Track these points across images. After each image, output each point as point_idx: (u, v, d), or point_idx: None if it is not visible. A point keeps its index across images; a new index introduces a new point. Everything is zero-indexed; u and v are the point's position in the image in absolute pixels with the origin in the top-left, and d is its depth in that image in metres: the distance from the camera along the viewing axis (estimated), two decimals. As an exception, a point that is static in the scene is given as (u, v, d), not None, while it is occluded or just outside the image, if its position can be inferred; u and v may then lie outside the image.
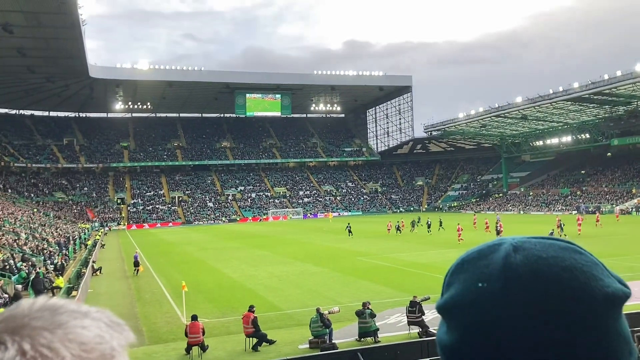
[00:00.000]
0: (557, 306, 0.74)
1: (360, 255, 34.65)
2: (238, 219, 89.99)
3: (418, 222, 53.91)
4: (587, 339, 0.74)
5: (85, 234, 60.29)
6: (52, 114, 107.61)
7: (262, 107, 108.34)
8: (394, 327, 16.31)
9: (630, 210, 67.78)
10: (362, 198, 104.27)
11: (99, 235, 60.25)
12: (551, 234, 39.54)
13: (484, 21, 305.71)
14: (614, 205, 71.05)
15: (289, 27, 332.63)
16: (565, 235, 40.75)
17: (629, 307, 16.57)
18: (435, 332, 15.19)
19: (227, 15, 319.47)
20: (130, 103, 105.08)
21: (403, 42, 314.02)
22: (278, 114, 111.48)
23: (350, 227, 50.47)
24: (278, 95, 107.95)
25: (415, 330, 15.70)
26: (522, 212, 79.75)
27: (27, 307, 0.67)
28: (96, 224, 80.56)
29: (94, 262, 33.51)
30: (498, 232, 41.00)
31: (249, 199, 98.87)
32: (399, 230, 50.05)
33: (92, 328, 0.67)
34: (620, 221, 52.63)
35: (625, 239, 38.29)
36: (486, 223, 47.02)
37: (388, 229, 50.77)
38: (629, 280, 20.52)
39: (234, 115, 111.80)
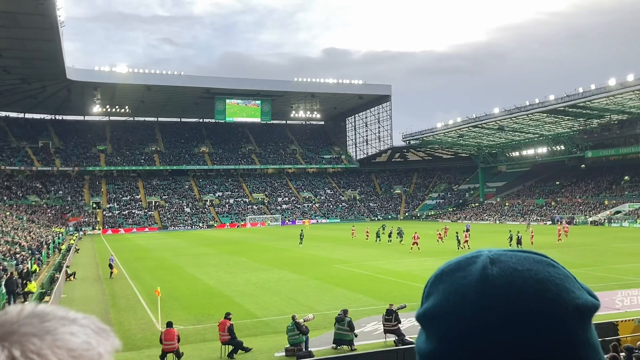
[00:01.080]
0: (531, 317, 0.77)
1: (337, 263, 34.70)
2: (215, 224, 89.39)
3: (383, 230, 53.73)
4: (559, 348, 0.77)
5: (59, 238, 59.24)
6: (28, 115, 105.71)
7: (242, 112, 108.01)
8: (370, 335, 16.37)
9: (602, 221, 69.15)
10: (340, 205, 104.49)
11: (74, 240, 59.26)
12: (511, 238, 40.36)
13: (461, 32, 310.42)
14: (587, 217, 72.42)
15: (269, 34, 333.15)
16: (519, 246, 41.45)
17: (602, 317, 16.92)
18: (411, 340, 15.31)
19: (206, 20, 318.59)
20: (108, 106, 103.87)
21: (382, 51, 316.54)
22: (258, 120, 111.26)
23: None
24: (258, 102, 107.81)
25: (391, 338, 15.79)
26: (497, 221, 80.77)
27: (16, 314, 0.67)
28: (71, 229, 79.23)
29: (67, 267, 32.95)
30: (459, 242, 41.09)
31: (226, 205, 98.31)
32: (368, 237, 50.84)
33: (80, 334, 0.68)
34: (570, 232, 53.00)
35: (597, 249, 39.04)
36: (438, 234, 46.81)
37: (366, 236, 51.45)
38: (599, 290, 20.95)
39: (213, 120, 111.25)
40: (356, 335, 15.44)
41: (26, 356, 0.62)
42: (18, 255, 35.79)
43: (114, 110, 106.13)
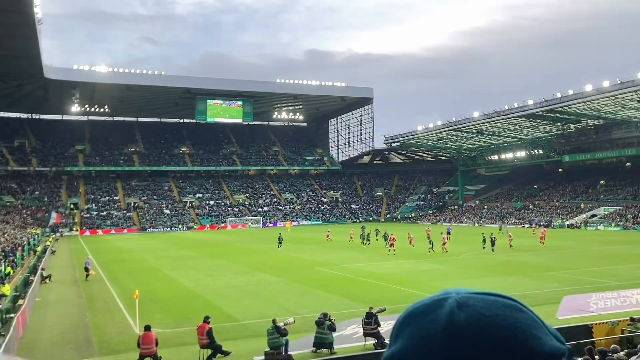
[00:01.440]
0: None
1: (318, 266, 34.69)
2: (195, 226, 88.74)
3: (363, 232, 53.78)
4: None
5: (34, 240, 58.24)
6: (3, 114, 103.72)
7: (223, 113, 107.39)
8: (349, 339, 16.38)
9: (579, 225, 70.25)
10: (322, 207, 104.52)
11: (50, 241, 58.29)
12: (484, 240, 40.84)
13: (441, 36, 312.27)
14: (564, 220, 73.52)
15: (251, 35, 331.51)
16: (493, 247, 41.97)
17: (577, 319, 17.17)
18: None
19: (188, 20, 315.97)
20: (87, 106, 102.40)
21: (363, 54, 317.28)
22: (240, 121, 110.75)
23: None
24: (240, 102, 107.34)
25: (371, 341, 15.82)
26: (476, 224, 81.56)
27: None
28: (47, 230, 77.92)
29: (43, 269, 32.39)
30: (431, 242, 41.24)
31: (207, 207, 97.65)
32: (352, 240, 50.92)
33: None
34: (535, 235, 53.84)
35: (573, 253, 39.64)
36: (409, 237, 45.79)
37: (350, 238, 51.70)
38: (575, 293, 21.27)
39: (194, 120, 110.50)
40: (334, 330, 15.45)
41: None
42: (-8, 257, 35.10)
43: (93, 109, 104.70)
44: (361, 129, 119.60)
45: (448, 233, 49.60)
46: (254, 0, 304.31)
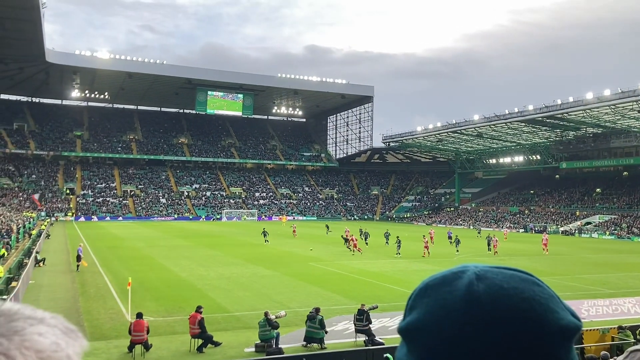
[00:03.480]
0: (515, 336, 0.78)
1: (312, 261, 34.74)
2: (190, 217, 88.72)
3: (329, 230, 53.62)
4: None
5: (30, 223, 58.16)
6: (3, 96, 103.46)
7: (223, 105, 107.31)
8: (340, 334, 16.43)
9: (573, 231, 70.47)
10: (317, 203, 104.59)
11: (45, 225, 58.23)
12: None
13: (442, 37, 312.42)
14: (559, 226, 73.73)
15: (252, 28, 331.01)
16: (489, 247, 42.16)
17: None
18: (381, 341, 15.43)
19: (190, 10, 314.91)
20: (87, 91, 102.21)
21: (363, 51, 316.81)
22: (239, 113, 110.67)
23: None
24: (240, 95, 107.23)
25: (362, 338, 15.88)
26: (471, 227, 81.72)
27: None
28: (42, 214, 77.80)
29: (37, 252, 32.38)
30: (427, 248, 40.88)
31: (203, 197, 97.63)
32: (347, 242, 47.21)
33: (49, 335, 0.66)
34: (508, 239, 54.87)
35: (567, 259, 39.79)
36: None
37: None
38: (567, 299, 21.36)
39: (193, 111, 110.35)
40: (326, 332, 15.49)
41: None
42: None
43: (93, 96, 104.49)
44: (360, 127, 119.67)
45: (449, 237, 48.92)
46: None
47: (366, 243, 45.80)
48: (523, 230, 73.95)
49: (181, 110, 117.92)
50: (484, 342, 0.77)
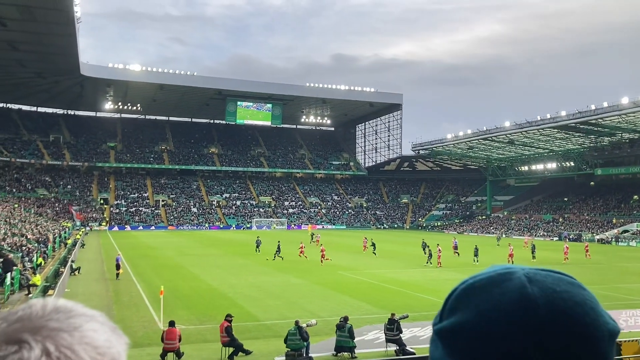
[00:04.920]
0: (570, 340, 0.76)
1: (341, 270, 34.65)
2: (221, 226, 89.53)
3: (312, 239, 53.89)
4: None
5: (65, 233, 59.57)
6: (40, 109, 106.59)
7: (252, 115, 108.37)
8: (371, 344, 16.32)
9: (609, 240, 68.63)
10: (346, 212, 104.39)
11: (80, 235, 59.56)
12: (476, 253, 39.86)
13: (469, 44, 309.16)
14: (594, 234, 71.90)
15: (280, 38, 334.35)
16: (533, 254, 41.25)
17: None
18: (412, 350, 15.26)
19: (217, 22, 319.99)
20: (120, 103, 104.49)
21: (390, 59, 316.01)
22: (268, 123, 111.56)
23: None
24: (269, 105, 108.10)
25: (392, 348, 15.73)
26: (504, 235, 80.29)
27: (40, 308, 0.68)
28: (78, 223, 79.63)
29: (72, 261, 33.12)
30: (431, 256, 39.30)
31: (233, 207, 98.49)
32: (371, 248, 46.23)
33: (102, 332, 0.70)
34: (527, 247, 52.61)
35: (603, 268, 38.75)
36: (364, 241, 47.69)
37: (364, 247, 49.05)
38: (605, 308, 20.72)
39: (223, 122, 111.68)
40: (353, 335, 15.37)
41: (60, 351, 0.63)
42: (24, 248, 36.05)
43: (125, 107, 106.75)
44: (389, 135, 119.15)
45: (454, 248, 46.48)
46: (284, 4, 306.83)
47: (374, 253, 44.46)
48: (557, 238, 72.30)
49: (211, 121, 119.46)
50: (539, 345, 0.76)
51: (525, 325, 0.76)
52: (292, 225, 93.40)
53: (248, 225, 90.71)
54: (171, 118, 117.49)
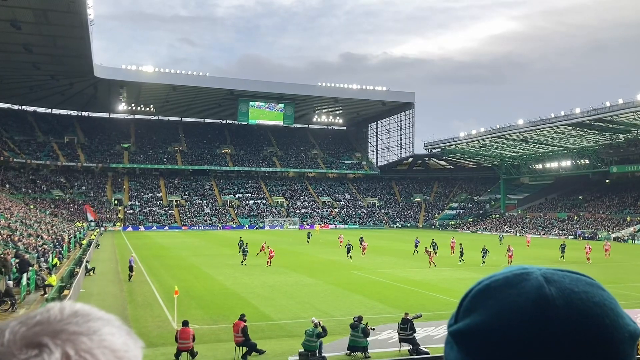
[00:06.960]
0: (590, 341, 0.75)
1: (354, 269, 34.60)
2: (234, 226, 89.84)
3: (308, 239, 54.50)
4: None
5: (80, 233, 60.13)
6: (55, 111, 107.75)
7: (264, 115, 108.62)
8: (384, 344, 16.28)
9: (625, 238, 67.81)
10: (359, 211, 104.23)
11: (94, 235, 60.09)
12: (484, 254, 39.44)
13: (480, 41, 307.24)
14: (609, 233, 71.09)
15: (290, 38, 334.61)
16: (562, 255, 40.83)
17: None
18: (426, 350, 15.18)
19: (228, 22, 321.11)
20: (133, 105, 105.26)
21: (400, 57, 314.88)
22: (280, 123, 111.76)
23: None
24: (281, 105, 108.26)
25: (406, 347, 15.67)
26: (518, 234, 79.71)
27: (59, 312, 0.68)
28: (92, 224, 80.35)
29: (87, 262, 33.41)
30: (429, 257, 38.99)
31: (246, 207, 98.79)
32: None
33: (119, 335, 0.70)
34: (531, 246, 52.80)
35: (619, 266, 38.29)
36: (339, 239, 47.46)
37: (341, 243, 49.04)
38: (624, 308, 20.53)
39: (236, 122, 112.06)
40: (368, 334, 15.25)
41: (79, 355, 0.63)
42: (40, 248, 36.45)
43: (139, 108, 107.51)
44: (401, 134, 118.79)
45: (435, 246, 43.63)
46: (294, 4, 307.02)
47: (363, 253, 42.72)
48: (572, 237, 71.57)
49: (224, 121, 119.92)
50: (558, 347, 0.74)
51: (542, 326, 0.75)
52: (305, 225, 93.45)
53: (261, 225, 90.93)
54: (184, 119, 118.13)
